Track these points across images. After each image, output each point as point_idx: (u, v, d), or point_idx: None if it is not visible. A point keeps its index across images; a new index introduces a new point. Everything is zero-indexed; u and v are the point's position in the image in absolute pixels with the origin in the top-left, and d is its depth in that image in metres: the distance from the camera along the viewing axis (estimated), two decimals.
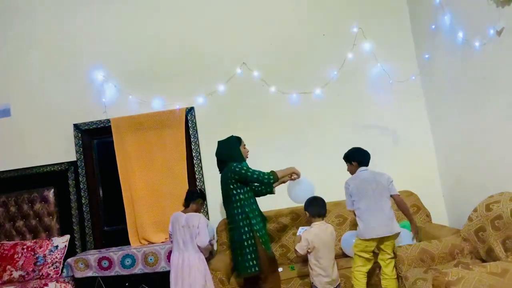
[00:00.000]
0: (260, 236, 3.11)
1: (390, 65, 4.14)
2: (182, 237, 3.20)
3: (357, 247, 3.15)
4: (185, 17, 4.35)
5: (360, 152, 3.28)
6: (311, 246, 2.99)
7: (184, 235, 3.20)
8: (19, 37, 4.43)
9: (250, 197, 3.20)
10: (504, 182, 3.01)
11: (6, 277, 3.81)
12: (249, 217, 3.11)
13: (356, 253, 3.16)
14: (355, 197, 3.13)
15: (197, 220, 3.21)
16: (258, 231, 3.12)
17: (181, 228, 3.20)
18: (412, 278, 2.84)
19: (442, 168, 4.11)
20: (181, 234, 3.20)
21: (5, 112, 4.38)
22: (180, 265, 3.17)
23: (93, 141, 4.34)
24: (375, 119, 4.15)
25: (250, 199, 3.19)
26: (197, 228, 3.18)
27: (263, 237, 3.14)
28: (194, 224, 3.19)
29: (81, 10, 4.40)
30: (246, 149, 3.41)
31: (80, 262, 3.64)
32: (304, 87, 4.22)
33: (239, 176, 3.13)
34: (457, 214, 3.86)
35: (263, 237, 3.15)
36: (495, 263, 2.28)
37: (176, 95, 4.24)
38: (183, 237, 3.20)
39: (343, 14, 4.30)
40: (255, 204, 3.25)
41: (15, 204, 4.21)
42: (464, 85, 3.48)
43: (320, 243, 2.99)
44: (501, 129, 3.07)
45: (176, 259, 3.21)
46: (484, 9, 3.02)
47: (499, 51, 2.96)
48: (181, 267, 3.16)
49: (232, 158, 3.24)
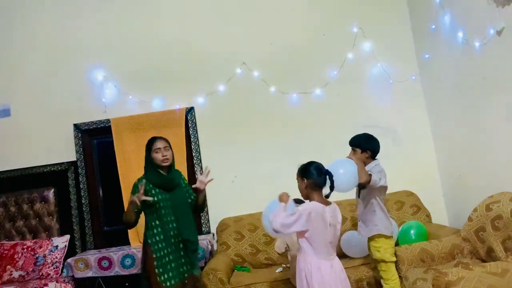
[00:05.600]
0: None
1: (390, 65, 4.15)
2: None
3: (387, 251, 2.86)
4: (185, 17, 4.35)
5: (376, 141, 2.93)
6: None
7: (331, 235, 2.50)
8: (19, 37, 4.43)
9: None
10: (504, 182, 3.01)
11: (6, 277, 3.80)
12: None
13: (389, 260, 2.86)
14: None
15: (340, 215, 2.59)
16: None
17: (328, 226, 2.46)
18: (412, 278, 2.84)
19: (442, 168, 4.10)
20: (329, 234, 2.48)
21: (5, 112, 4.38)
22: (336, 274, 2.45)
23: (93, 141, 4.34)
24: (375, 119, 4.14)
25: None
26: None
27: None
28: (339, 220, 2.59)
29: (81, 11, 4.40)
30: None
31: (80, 262, 3.64)
32: (304, 87, 4.22)
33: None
34: (457, 214, 3.86)
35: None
36: (495, 263, 2.28)
37: (176, 95, 4.24)
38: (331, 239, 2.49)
39: (343, 14, 4.30)
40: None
41: (15, 204, 4.21)
42: (464, 85, 3.48)
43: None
44: (501, 129, 3.07)
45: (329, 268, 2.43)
46: (484, 9, 3.02)
47: (499, 51, 2.96)
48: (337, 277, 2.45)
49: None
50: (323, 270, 2.38)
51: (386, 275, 2.88)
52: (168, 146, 2.95)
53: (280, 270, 3.54)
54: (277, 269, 3.58)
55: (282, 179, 3.77)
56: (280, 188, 2.91)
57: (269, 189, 3.17)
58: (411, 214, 3.83)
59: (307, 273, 2.39)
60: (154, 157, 2.89)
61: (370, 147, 2.91)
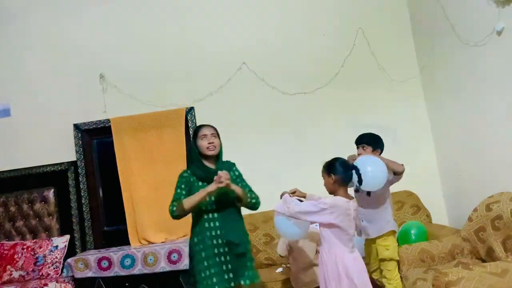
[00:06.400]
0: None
1: (390, 65, 4.14)
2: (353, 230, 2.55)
3: (396, 249, 2.88)
4: (185, 17, 4.35)
5: (382, 141, 2.99)
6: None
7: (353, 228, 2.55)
8: (19, 37, 4.43)
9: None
10: (504, 182, 3.01)
11: (6, 277, 3.80)
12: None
13: (396, 258, 2.88)
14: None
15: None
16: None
17: (352, 220, 2.52)
18: (412, 278, 2.84)
19: (442, 168, 4.11)
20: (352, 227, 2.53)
21: (5, 112, 4.38)
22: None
23: (93, 141, 4.33)
24: (375, 119, 4.14)
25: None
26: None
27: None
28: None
29: (81, 10, 4.39)
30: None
31: (80, 262, 3.64)
32: (304, 87, 4.22)
33: None
34: (457, 214, 3.86)
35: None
36: (495, 263, 2.29)
37: (176, 95, 4.24)
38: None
39: (343, 14, 4.30)
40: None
41: (15, 204, 4.20)
42: (464, 85, 3.48)
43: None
44: (501, 129, 3.07)
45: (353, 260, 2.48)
46: (484, 9, 3.02)
47: (499, 51, 2.96)
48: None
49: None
50: (347, 261, 2.43)
51: (390, 275, 2.87)
52: (216, 134, 2.74)
53: (280, 270, 3.54)
54: (277, 269, 3.58)
55: (282, 179, 3.79)
56: (280, 188, 2.92)
57: (269, 189, 3.18)
58: (411, 214, 3.84)
59: (331, 265, 2.43)
60: (199, 144, 2.67)
61: (380, 146, 2.96)
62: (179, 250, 3.55)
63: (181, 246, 3.58)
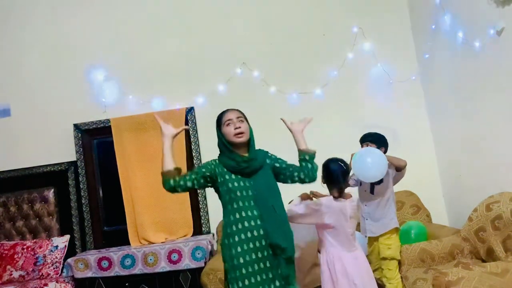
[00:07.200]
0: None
1: (390, 65, 4.14)
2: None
3: (398, 248, 2.89)
4: (185, 17, 4.35)
5: (387, 140, 3.04)
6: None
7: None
8: (19, 37, 4.43)
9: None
10: (504, 182, 3.01)
11: (6, 277, 3.80)
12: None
13: (398, 258, 2.90)
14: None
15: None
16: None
17: (348, 219, 2.49)
18: (412, 278, 2.84)
19: (442, 168, 4.10)
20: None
21: (5, 112, 4.38)
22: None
23: (93, 141, 4.33)
24: (375, 119, 4.14)
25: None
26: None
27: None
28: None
29: (81, 10, 4.40)
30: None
31: (80, 262, 3.64)
32: (304, 87, 4.22)
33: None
34: (457, 214, 3.86)
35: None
36: (495, 263, 2.29)
37: (176, 95, 4.24)
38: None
39: (343, 14, 4.29)
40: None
41: (15, 204, 4.21)
42: (464, 85, 3.48)
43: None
44: (501, 129, 3.07)
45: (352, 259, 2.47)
46: (484, 9, 3.02)
47: (499, 51, 2.96)
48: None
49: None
50: (345, 261, 2.42)
51: (391, 274, 2.88)
52: (243, 117, 2.34)
53: None
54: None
55: None
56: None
57: None
58: (411, 214, 3.84)
59: (329, 264, 2.44)
60: (225, 132, 2.26)
61: (384, 144, 3.00)
62: (179, 250, 3.55)
63: (181, 246, 3.59)
